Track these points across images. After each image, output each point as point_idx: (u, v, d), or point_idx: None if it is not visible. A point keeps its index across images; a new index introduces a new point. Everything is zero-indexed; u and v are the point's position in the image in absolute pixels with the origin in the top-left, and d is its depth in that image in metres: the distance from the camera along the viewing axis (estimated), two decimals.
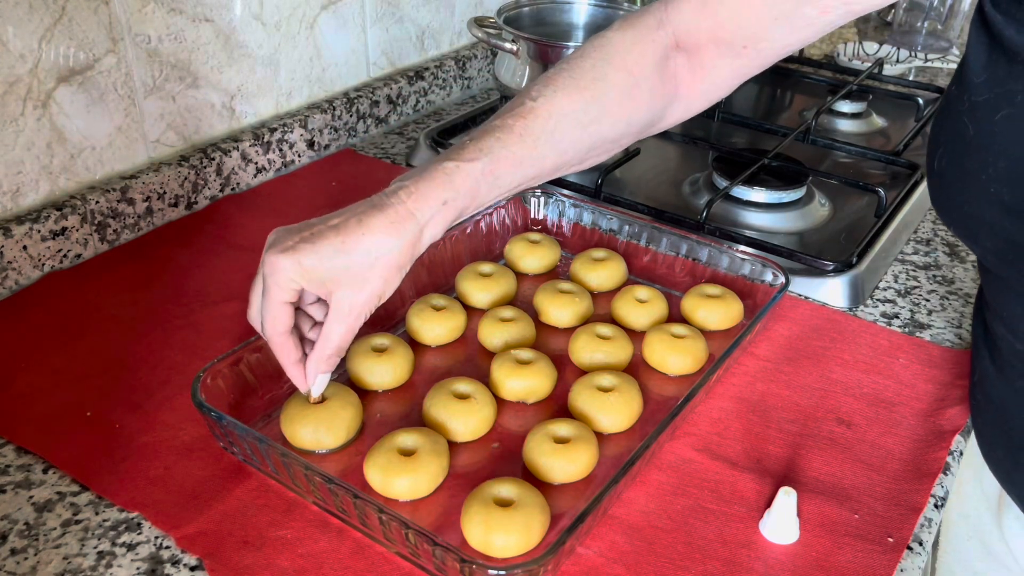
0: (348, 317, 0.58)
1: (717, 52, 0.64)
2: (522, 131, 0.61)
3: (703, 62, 0.65)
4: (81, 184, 0.89)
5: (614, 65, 0.64)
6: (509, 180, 0.62)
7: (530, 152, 0.62)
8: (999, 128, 0.52)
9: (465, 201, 0.60)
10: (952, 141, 0.57)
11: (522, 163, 0.62)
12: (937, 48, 1.51)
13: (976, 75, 0.54)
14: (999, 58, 0.53)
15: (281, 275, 0.56)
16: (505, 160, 0.61)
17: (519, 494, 0.58)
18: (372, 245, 0.57)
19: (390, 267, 0.58)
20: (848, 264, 0.86)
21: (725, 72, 0.65)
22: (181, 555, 0.58)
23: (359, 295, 0.58)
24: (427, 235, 0.59)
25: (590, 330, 0.75)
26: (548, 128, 0.62)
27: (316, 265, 0.56)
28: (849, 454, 0.67)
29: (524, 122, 0.61)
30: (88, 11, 0.84)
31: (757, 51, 0.63)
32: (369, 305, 0.59)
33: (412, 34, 1.23)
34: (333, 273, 0.57)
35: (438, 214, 0.58)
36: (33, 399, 0.69)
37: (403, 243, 0.57)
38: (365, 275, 0.57)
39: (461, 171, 0.59)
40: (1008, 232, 0.54)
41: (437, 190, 0.58)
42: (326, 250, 0.56)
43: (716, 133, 1.20)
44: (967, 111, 0.55)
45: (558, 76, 0.64)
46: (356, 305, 0.58)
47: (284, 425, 0.65)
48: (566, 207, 0.92)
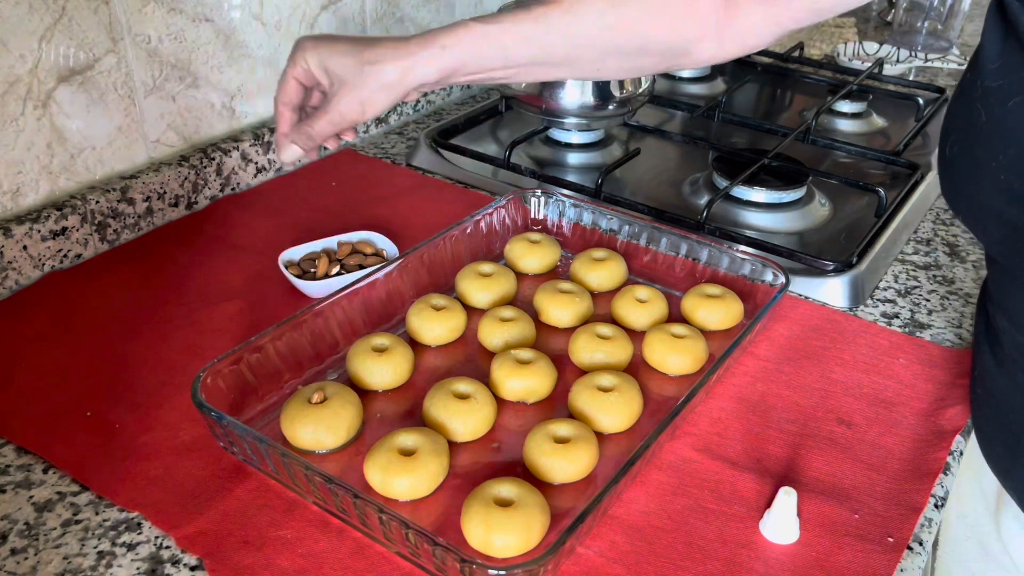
0: (332, 111, 0.67)
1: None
2: (539, 14, 0.67)
3: (737, 3, 0.67)
4: (81, 184, 0.89)
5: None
6: (515, 52, 0.68)
7: (542, 35, 0.67)
8: (1011, 115, 0.52)
9: (464, 53, 0.67)
10: (964, 128, 0.57)
11: (531, 42, 0.67)
12: (937, 48, 1.51)
13: (991, 61, 0.54)
14: (1014, 45, 0.53)
15: (299, 53, 0.68)
16: (513, 33, 0.67)
17: (519, 494, 0.58)
18: (372, 56, 0.66)
19: (380, 82, 0.66)
20: (848, 264, 0.86)
21: (757, 17, 0.67)
22: (181, 555, 0.58)
23: (348, 94, 0.67)
24: (420, 70, 0.66)
25: (590, 330, 0.75)
26: (566, 20, 0.67)
27: (327, 56, 0.67)
28: (849, 454, 0.67)
29: (543, 9, 0.67)
30: (88, 11, 0.84)
31: (788, 3, 0.65)
32: (352, 108, 0.67)
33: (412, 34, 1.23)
34: (335, 68, 0.67)
35: (435, 55, 0.66)
36: (33, 399, 0.69)
37: (395, 67, 0.66)
38: (356, 81, 0.66)
39: (467, 27, 0.67)
40: (1016, 221, 0.54)
41: (441, 37, 0.66)
42: (339, 48, 0.67)
43: (716, 133, 1.20)
44: (980, 97, 0.55)
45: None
46: (342, 102, 0.67)
47: (284, 425, 0.65)
48: (566, 207, 0.92)
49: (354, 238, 0.88)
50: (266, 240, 0.92)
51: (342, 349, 0.75)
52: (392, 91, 0.67)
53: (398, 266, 0.79)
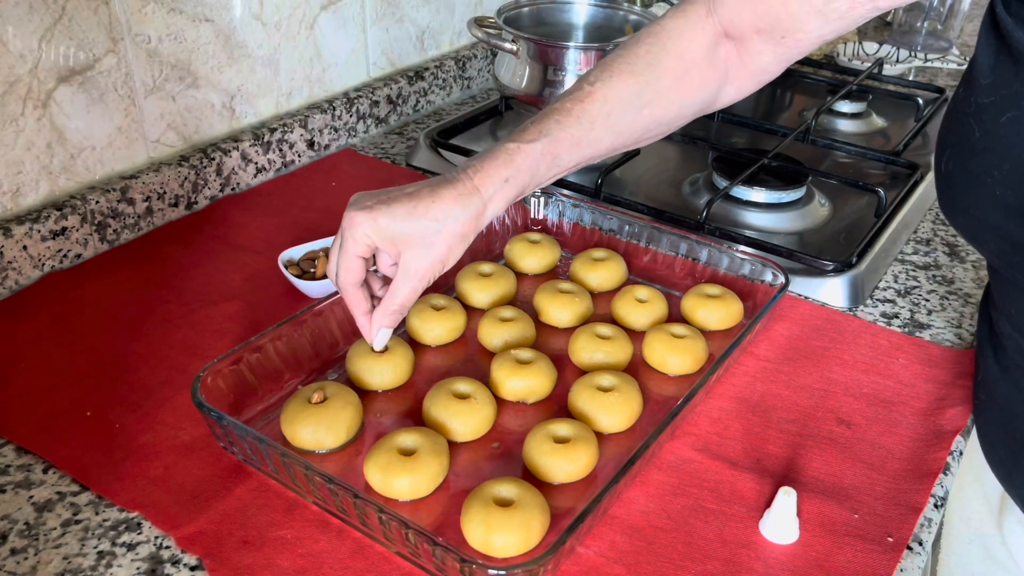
0: (413, 278, 0.64)
1: (760, 40, 0.67)
2: (580, 114, 0.66)
3: (748, 49, 0.68)
4: (81, 184, 0.89)
5: (667, 51, 0.68)
6: (567, 160, 0.67)
7: (587, 133, 0.66)
8: (1004, 130, 0.52)
9: (525, 179, 0.65)
10: (958, 143, 0.57)
11: (579, 143, 0.66)
12: (937, 48, 1.51)
13: (983, 77, 0.54)
14: (1006, 60, 0.53)
15: (358, 230, 0.62)
16: (564, 141, 0.66)
17: (519, 494, 0.58)
18: (440, 213, 0.62)
19: (455, 235, 0.63)
20: (848, 264, 0.86)
21: (768, 58, 0.68)
22: (181, 555, 0.58)
23: (424, 259, 0.63)
24: (490, 210, 0.64)
25: (590, 330, 0.75)
26: (604, 111, 0.66)
27: (389, 225, 0.62)
28: (849, 454, 0.67)
29: (582, 105, 0.66)
30: (88, 11, 0.84)
31: (795, 40, 0.66)
32: (433, 269, 0.64)
33: (412, 34, 1.23)
34: (403, 235, 0.62)
35: (500, 191, 0.64)
36: (33, 399, 0.69)
37: (468, 214, 0.63)
38: (431, 240, 0.62)
39: (522, 151, 0.64)
40: (1013, 235, 0.54)
41: (500, 169, 0.64)
42: (399, 212, 0.62)
43: (716, 133, 1.20)
44: (973, 113, 0.55)
45: (614, 62, 0.68)
46: (421, 267, 0.63)
47: (284, 425, 0.65)
48: (566, 207, 0.92)
49: None
50: (266, 240, 0.92)
51: (342, 349, 0.75)
52: (468, 238, 0.64)
53: None
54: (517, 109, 1.12)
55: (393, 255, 0.64)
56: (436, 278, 0.65)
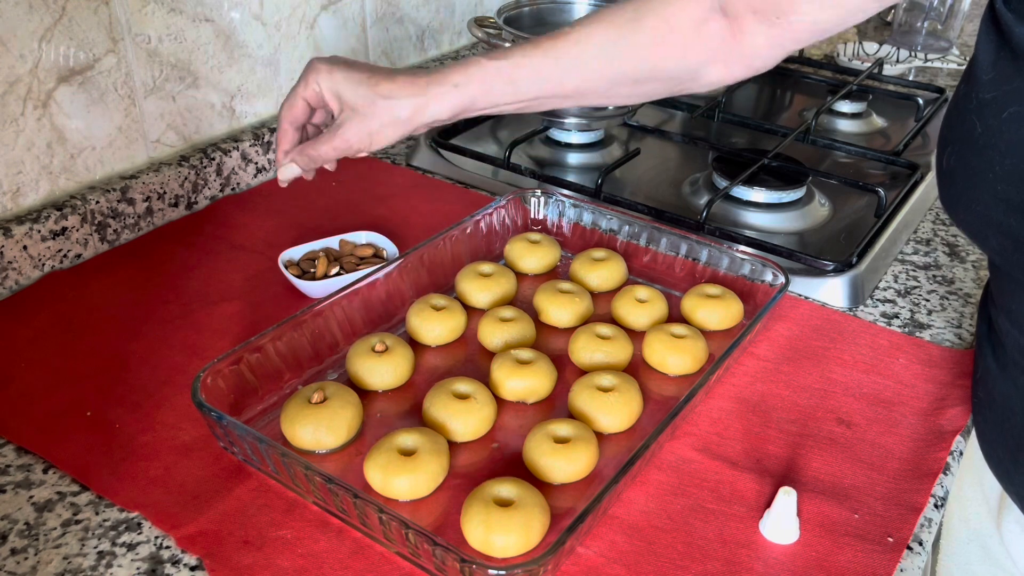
0: (338, 137, 0.68)
1: (755, 20, 0.67)
2: (548, 47, 0.69)
3: (742, 28, 0.68)
4: (81, 184, 0.89)
5: (655, 11, 0.69)
6: (527, 88, 0.69)
7: (552, 68, 0.69)
8: (1006, 126, 0.52)
9: (476, 90, 0.68)
10: (960, 140, 0.57)
11: (540, 75, 0.69)
12: (937, 48, 1.51)
13: (984, 73, 0.54)
14: (1007, 56, 0.53)
15: (312, 74, 0.68)
16: (524, 67, 0.69)
17: (519, 494, 0.58)
18: (385, 91, 0.67)
19: (391, 116, 0.67)
20: (848, 264, 0.86)
21: (761, 40, 0.68)
22: (181, 555, 0.58)
23: (357, 124, 0.68)
24: (432, 107, 0.68)
25: (590, 330, 0.75)
26: (575, 52, 0.69)
27: (340, 82, 0.67)
28: (849, 454, 0.67)
29: (553, 41, 0.69)
30: (88, 11, 0.84)
31: (790, 23, 0.65)
32: (360, 139, 0.68)
33: (412, 34, 1.23)
34: (348, 96, 0.67)
35: (447, 93, 0.68)
36: (33, 399, 0.69)
37: (409, 102, 0.67)
38: (368, 111, 0.67)
39: (478, 64, 0.68)
40: (1015, 231, 0.54)
41: (453, 75, 0.68)
42: (354, 77, 0.67)
43: (716, 133, 1.20)
44: (975, 109, 0.55)
45: (600, 11, 0.70)
46: (350, 130, 0.68)
47: (284, 425, 0.65)
48: (566, 207, 0.92)
49: (354, 238, 0.88)
50: (266, 240, 0.92)
51: (342, 349, 0.75)
52: (402, 126, 0.68)
53: (398, 266, 0.79)
54: None
55: (336, 111, 0.69)
56: (358, 151, 0.69)
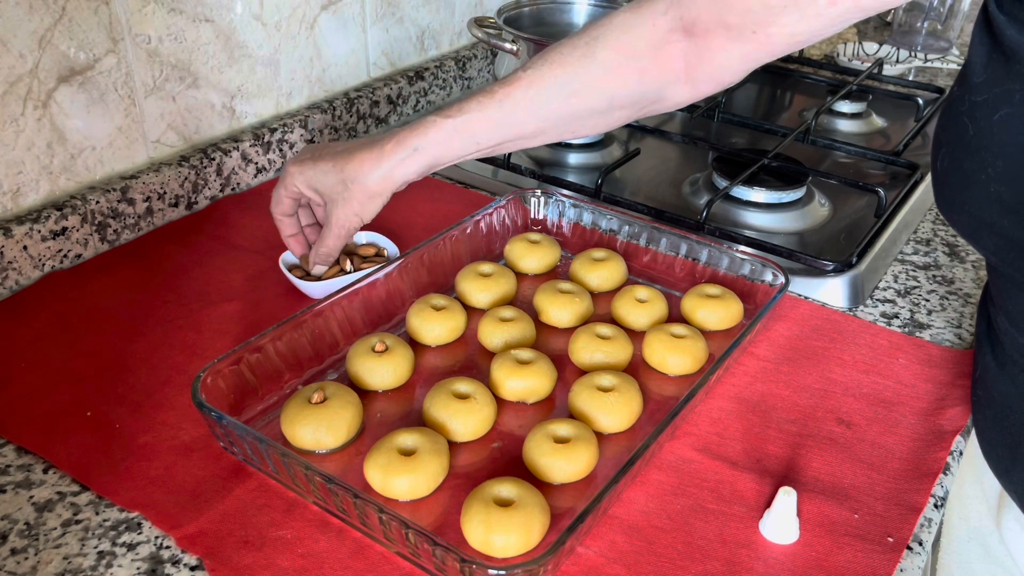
0: (335, 227, 0.74)
1: (727, 36, 0.65)
2: (503, 97, 0.70)
3: (710, 46, 0.66)
4: (81, 184, 0.89)
5: (606, 44, 0.69)
6: (487, 138, 0.71)
7: (508, 116, 0.70)
8: (997, 128, 0.52)
9: (437, 151, 0.71)
10: (953, 142, 0.57)
11: (498, 125, 0.71)
12: (937, 48, 1.51)
13: (976, 75, 0.54)
14: (998, 58, 0.53)
15: (288, 179, 0.75)
16: (481, 121, 0.70)
17: (519, 494, 0.58)
18: (353, 172, 0.71)
19: (365, 192, 0.72)
20: (848, 264, 0.86)
21: (734, 57, 0.66)
22: (181, 555, 0.58)
23: (341, 209, 0.73)
24: (399, 173, 0.71)
25: (590, 330, 0.75)
26: (528, 96, 0.70)
27: (313, 179, 0.74)
28: (849, 454, 0.67)
29: (507, 89, 0.70)
30: (88, 11, 0.84)
31: (767, 36, 0.63)
32: (350, 221, 0.74)
33: (412, 34, 1.23)
34: (323, 188, 0.73)
35: (409, 157, 0.71)
36: (33, 399, 0.69)
37: (376, 175, 0.71)
38: (345, 195, 0.72)
39: (436, 125, 0.70)
40: (1009, 232, 0.54)
41: (412, 139, 0.70)
42: (323, 168, 0.73)
43: (716, 133, 1.20)
44: (967, 111, 0.55)
45: (552, 50, 0.71)
46: (339, 217, 0.73)
47: (284, 425, 0.65)
48: (566, 207, 0.92)
49: (355, 238, 0.88)
50: (266, 240, 0.92)
51: (342, 349, 0.75)
52: (378, 197, 0.72)
53: (398, 266, 0.79)
54: None
55: (319, 203, 0.76)
56: (357, 229, 0.75)
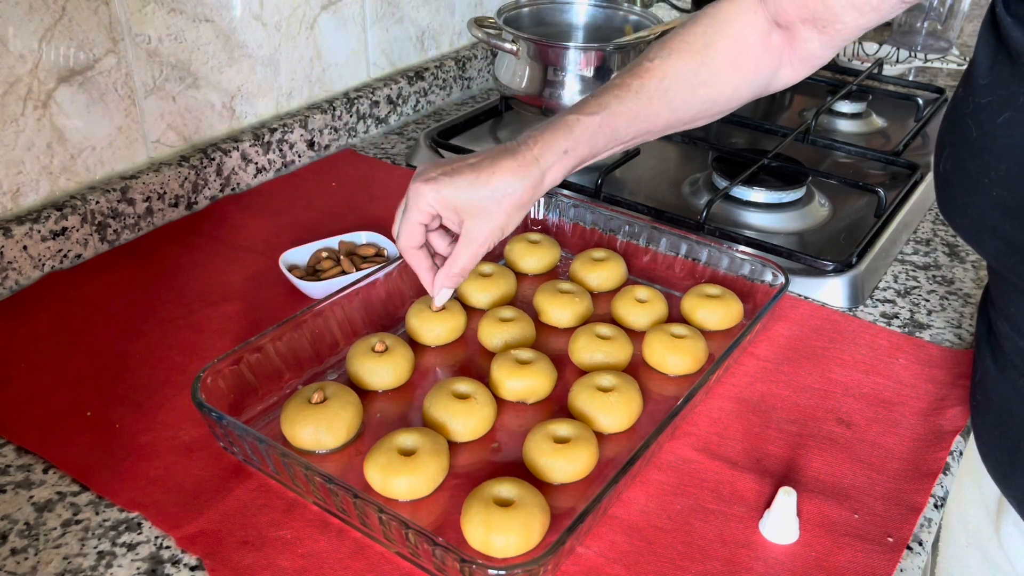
0: (474, 243, 0.67)
1: (805, 29, 0.70)
2: (638, 88, 0.69)
3: (796, 36, 0.71)
4: (81, 184, 0.89)
5: (723, 33, 0.71)
6: (625, 132, 0.69)
7: (645, 108, 0.69)
8: (1001, 131, 0.52)
9: (584, 150, 0.68)
10: (956, 144, 0.57)
11: (637, 117, 0.69)
12: (937, 48, 1.51)
13: (981, 77, 0.54)
14: (1004, 60, 0.53)
15: (421, 200, 0.65)
16: (622, 115, 0.68)
17: (519, 494, 0.58)
18: (500, 183, 0.65)
19: (514, 204, 0.66)
20: (848, 264, 0.86)
21: (815, 45, 0.71)
22: (181, 555, 0.58)
23: (485, 226, 0.66)
24: (548, 179, 0.67)
25: (590, 330, 0.75)
26: (663, 87, 0.69)
27: (451, 195, 0.65)
28: (849, 454, 0.67)
29: (640, 80, 0.69)
30: (88, 11, 0.84)
31: (835, 30, 0.69)
32: (493, 235, 0.67)
33: (412, 34, 1.23)
34: (465, 205, 0.65)
35: (559, 161, 0.66)
36: (33, 399, 0.69)
37: (526, 184, 0.66)
38: (492, 209, 0.66)
39: (581, 123, 0.67)
40: (1010, 236, 0.54)
41: (560, 140, 0.66)
42: (461, 183, 0.65)
43: (716, 133, 1.20)
44: (971, 113, 0.55)
45: (672, 40, 0.71)
46: (482, 233, 0.66)
47: (284, 425, 0.65)
48: (566, 207, 0.92)
49: (354, 238, 0.88)
50: (266, 240, 0.92)
51: (342, 349, 0.75)
52: (527, 206, 0.67)
53: (398, 266, 0.79)
54: (517, 109, 1.12)
55: (455, 222, 0.67)
56: (496, 244, 0.68)
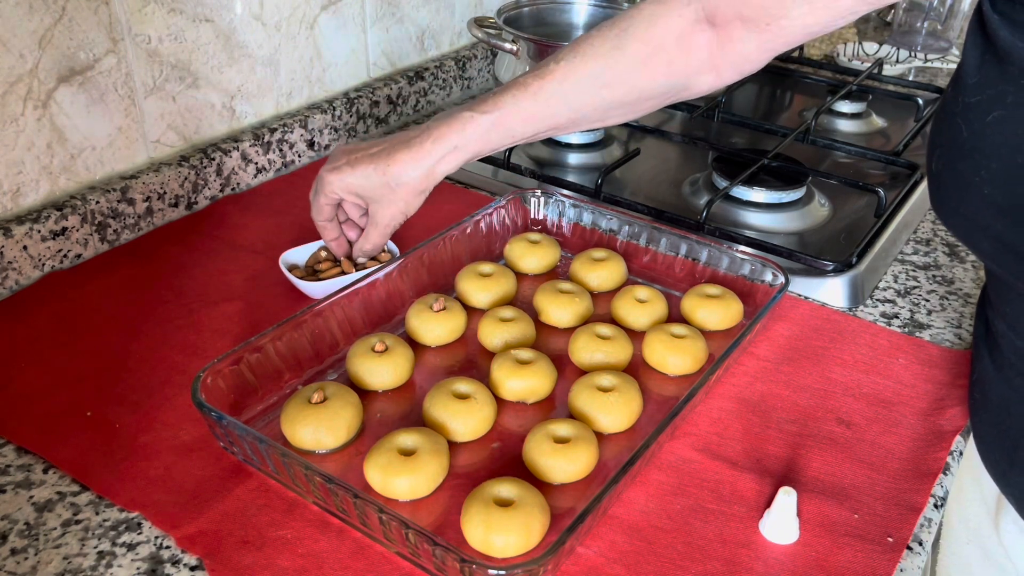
0: (379, 226, 0.76)
1: (744, 28, 0.67)
2: (536, 90, 0.72)
3: (731, 36, 0.68)
4: (81, 184, 0.89)
5: (635, 36, 0.70)
6: (522, 131, 0.73)
7: (542, 109, 0.72)
8: (991, 130, 0.52)
9: (475, 147, 0.73)
10: (947, 144, 0.57)
11: (534, 117, 0.73)
12: (937, 48, 1.51)
13: (970, 76, 0.54)
14: (991, 59, 0.53)
15: (328, 187, 0.75)
16: (516, 115, 0.72)
17: (519, 494, 0.58)
18: (396, 172, 0.73)
19: (410, 191, 0.74)
20: (848, 264, 0.86)
21: (752, 47, 0.68)
22: (181, 555, 0.58)
23: (387, 210, 0.75)
24: (440, 169, 0.74)
25: (590, 330, 0.75)
26: (563, 89, 0.71)
27: (353, 183, 0.74)
28: (849, 454, 0.67)
29: (540, 82, 0.72)
30: (88, 11, 0.84)
31: (780, 28, 0.65)
32: (396, 218, 0.76)
33: (412, 34, 1.23)
34: (366, 191, 0.74)
35: (450, 154, 0.73)
36: (33, 399, 0.69)
37: (419, 174, 0.73)
38: (390, 196, 0.74)
39: (474, 121, 0.72)
40: (1003, 234, 0.54)
41: (451, 136, 0.72)
42: (360, 173, 0.74)
43: (716, 133, 1.20)
44: (961, 113, 0.55)
45: (582, 42, 0.72)
46: (385, 216, 0.75)
47: (284, 425, 0.65)
48: (566, 207, 0.92)
49: None
50: (266, 240, 0.92)
51: (342, 349, 0.75)
52: (423, 194, 0.75)
53: (398, 266, 0.79)
54: None
55: (360, 205, 0.77)
56: (400, 224, 0.77)
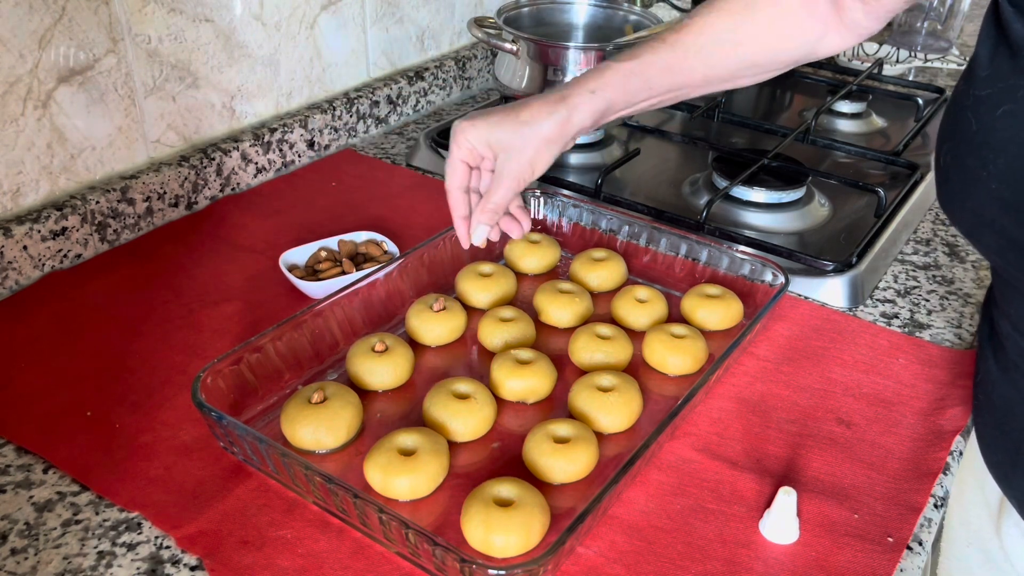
0: (506, 178, 0.71)
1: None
2: (673, 42, 0.72)
3: (842, 5, 0.71)
4: (81, 184, 0.89)
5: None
6: (659, 84, 0.73)
7: (680, 61, 0.72)
8: (1000, 124, 0.52)
9: (613, 93, 0.71)
10: (956, 137, 0.57)
11: (671, 70, 0.73)
12: (937, 48, 1.51)
13: (982, 69, 0.54)
14: (1004, 52, 0.52)
15: (459, 136, 0.71)
16: (655, 64, 0.72)
17: (519, 494, 0.58)
18: (527, 117, 0.70)
19: (541, 138, 0.70)
20: (848, 264, 0.86)
21: (859, 15, 0.71)
22: (181, 555, 0.58)
23: (514, 160, 0.70)
24: (576, 118, 0.70)
25: (590, 330, 0.75)
26: (699, 42, 0.72)
27: (485, 129, 0.70)
28: (849, 454, 0.67)
29: (676, 35, 0.72)
30: (88, 11, 0.84)
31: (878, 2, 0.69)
32: (523, 171, 0.71)
33: (412, 34, 1.23)
34: (497, 138, 0.70)
35: (586, 101, 0.70)
36: (33, 399, 0.69)
37: (553, 120, 0.70)
38: (520, 144, 0.70)
39: (611, 68, 0.71)
40: (1009, 231, 0.54)
41: (588, 81, 0.71)
42: (493, 119, 0.71)
43: (716, 133, 1.20)
44: (971, 106, 0.55)
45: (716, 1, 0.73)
46: (513, 168, 0.70)
47: (284, 425, 0.65)
48: (566, 207, 0.92)
49: (354, 238, 0.88)
50: (266, 240, 0.92)
51: (342, 349, 0.75)
52: (555, 144, 0.70)
53: (398, 266, 0.79)
54: None
55: (491, 160, 0.71)
56: (528, 181, 0.71)
